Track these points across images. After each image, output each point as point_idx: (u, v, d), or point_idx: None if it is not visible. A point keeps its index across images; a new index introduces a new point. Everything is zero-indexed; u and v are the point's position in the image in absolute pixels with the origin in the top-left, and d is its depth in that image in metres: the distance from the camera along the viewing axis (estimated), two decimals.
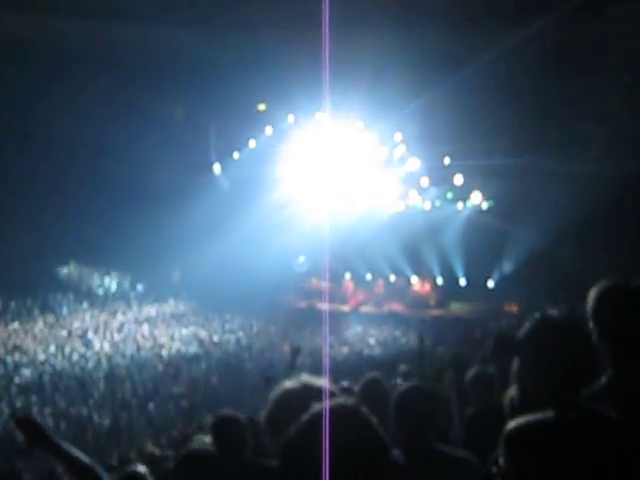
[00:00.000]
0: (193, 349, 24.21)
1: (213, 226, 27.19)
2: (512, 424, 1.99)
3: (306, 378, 2.55)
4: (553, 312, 3.13)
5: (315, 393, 2.34)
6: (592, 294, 2.92)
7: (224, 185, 29.76)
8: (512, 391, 3.21)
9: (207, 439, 4.75)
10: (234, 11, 28.68)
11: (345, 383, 5.95)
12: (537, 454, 1.89)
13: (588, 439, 1.89)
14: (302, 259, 29.74)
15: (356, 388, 5.02)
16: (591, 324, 2.87)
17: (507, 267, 26.56)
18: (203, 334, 25.96)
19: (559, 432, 1.90)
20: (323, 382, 2.51)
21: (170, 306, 28.70)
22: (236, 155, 29.89)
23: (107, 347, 23.84)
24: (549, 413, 1.96)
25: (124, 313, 27.59)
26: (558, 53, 26.36)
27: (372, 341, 25.52)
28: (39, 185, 27.70)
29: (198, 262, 28.05)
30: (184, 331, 26.26)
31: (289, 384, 2.54)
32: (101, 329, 25.45)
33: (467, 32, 27.65)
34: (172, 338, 25.31)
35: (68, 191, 27.31)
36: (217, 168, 29.95)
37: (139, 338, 24.89)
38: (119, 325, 26.22)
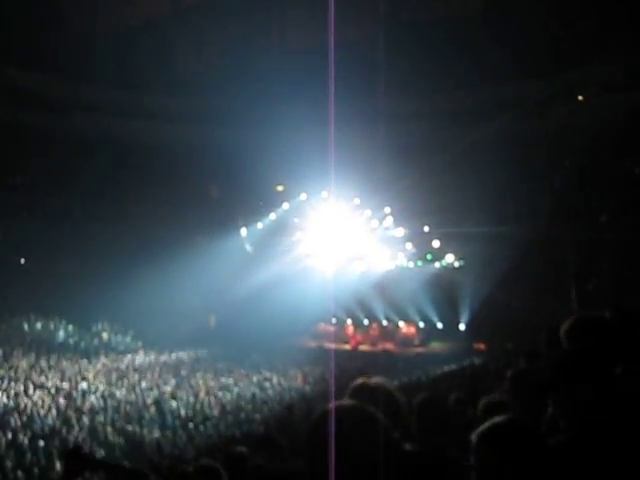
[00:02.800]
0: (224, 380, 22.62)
1: (239, 281, 27.14)
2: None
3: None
4: None
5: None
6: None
7: (249, 249, 29.63)
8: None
9: None
10: (259, 113, 29.90)
11: None
12: None
13: None
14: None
15: None
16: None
17: (475, 313, 26.21)
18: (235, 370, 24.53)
19: None
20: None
21: (207, 350, 27.38)
22: (260, 225, 30.01)
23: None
24: None
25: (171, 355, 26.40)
26: (511, 145, 26.54)
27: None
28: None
29: (229, 312, 27.92)
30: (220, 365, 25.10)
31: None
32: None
33: (444, 127, 28.10)
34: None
35: (120, 255, 27.02)
36: (243, 232, 29.70)
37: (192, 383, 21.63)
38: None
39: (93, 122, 29.45)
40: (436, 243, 27.53)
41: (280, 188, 30.39)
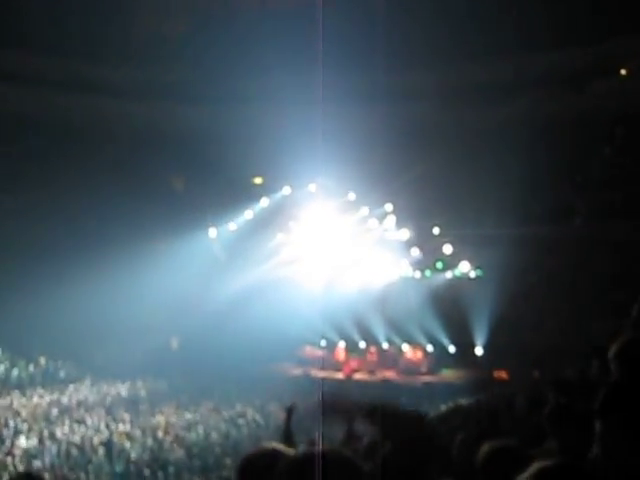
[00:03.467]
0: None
1: (208, 293, 27.14)
2: None
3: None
4: None
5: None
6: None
7: (219, 254, 29.55)
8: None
9: None
10: (232, 88, 29.94)
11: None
12: None
13: None
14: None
15: None
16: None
17: (495, 334, 25.91)
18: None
19: None
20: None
21: (168, 379, 27.10)
22: (233, 225, 29.88)
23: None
24: None
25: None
26: (539, 129, 26.79)
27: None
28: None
29: (195, 331, 27.57)
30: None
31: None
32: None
33: (456, 107, 28.33)
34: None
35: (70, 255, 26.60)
36: (213, 233, 29.65)
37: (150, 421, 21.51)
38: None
39: (14, 94, 29.20)
40: (448, 248, 27.60)
41: (258, 180, 30.65)
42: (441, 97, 28.73)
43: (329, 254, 28.31)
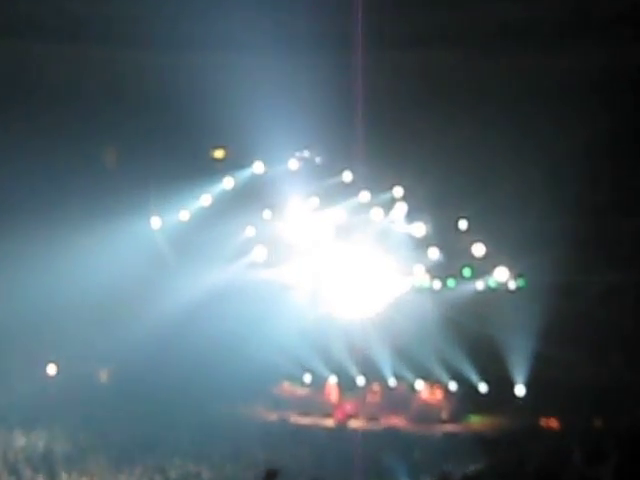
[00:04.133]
0: None
1: (148, 306, 26.93)
2: None
3: None
4: None
5: None
6: None
7: (165, 251, 29.13)
8: None
9: None
10: (183, 31, 29.46)
11: None
12: None
13: None
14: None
15: None
16: None
17: (543, 368, 25.68)
18: None
19: None
20: None
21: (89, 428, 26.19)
22: (184, 214, 29.26)
23: None
24: None
25: None
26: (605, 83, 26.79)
27: None
28: None
29: (132, 359, 26.98)
30: None
31: None
32: None
33: (487, 51, 28.01)
34: None
35: None
36: (156, 223, 29.14)
37: None
38: None
39: None
40: (479, 249, 27.08)
41: (219, 154, 30.12)
42: (468, 37, 28.08)
43: (316, 255, 28.10)
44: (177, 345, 26.70)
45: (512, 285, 27.22)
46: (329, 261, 28.14)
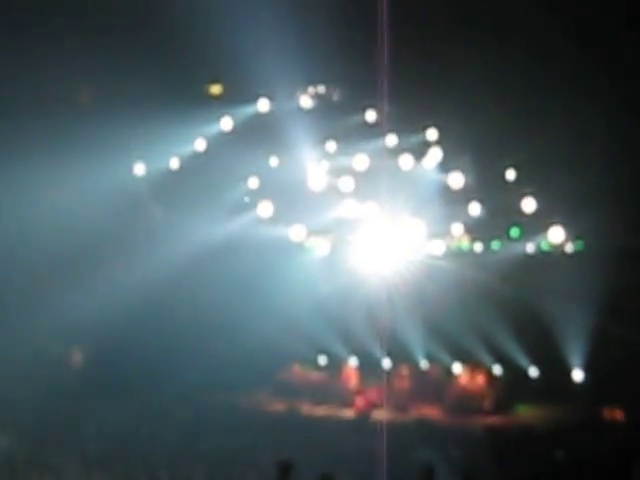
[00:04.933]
0: None
1: (127, 272, 25.67)
2: None
3: None
4: None
5: None
6: None
7: (150, 207, 28.25)
8: None
9: None
10: None
11: None
12: None
13: None
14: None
15: None
16: None
17: (606, 349, 24.29)
18: None
19: None
20: None
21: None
22: (174, 161, 28.01)
23: None
24: None
25: None
26: None
27: None
28: None
29: (111, 338, 25.60)
30: None
31: None
32: None
33: None
34: None
35: None
36: (140, 170, 27.80)
37: None
38: None
39: None
40: (529, 204, 25.60)
41: (216, 89, 28.76)
42: None
43: (334, 210, 26.73)
44: (163, 320, 25.04)
45: (569, 248, 25.96)
46: (348, 218, 26.78)
